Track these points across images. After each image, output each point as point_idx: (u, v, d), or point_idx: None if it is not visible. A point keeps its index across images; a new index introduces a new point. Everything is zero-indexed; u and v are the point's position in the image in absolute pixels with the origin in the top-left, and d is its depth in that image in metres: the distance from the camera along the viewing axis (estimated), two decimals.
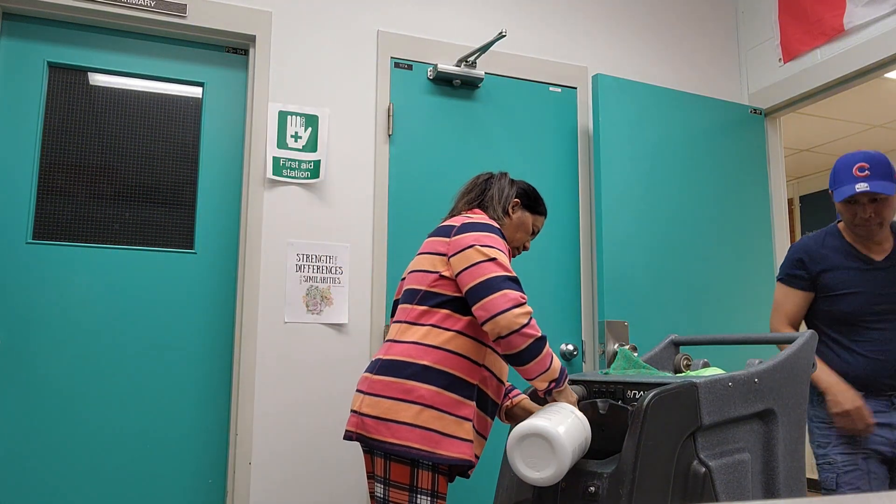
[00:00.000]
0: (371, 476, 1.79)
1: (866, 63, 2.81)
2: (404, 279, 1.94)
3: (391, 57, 2.80)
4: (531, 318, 1.67)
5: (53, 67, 2.48)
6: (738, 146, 3.24)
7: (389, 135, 2.75)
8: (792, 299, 2.28)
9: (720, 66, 3.43)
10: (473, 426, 1.71)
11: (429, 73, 2.84)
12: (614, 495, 1.63)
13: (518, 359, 1.68)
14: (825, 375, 2.18)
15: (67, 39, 2.50)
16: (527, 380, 1.74)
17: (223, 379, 2.52)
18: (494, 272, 1.69)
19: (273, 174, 2.55)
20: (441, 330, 1.73)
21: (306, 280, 2.55)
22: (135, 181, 2.53)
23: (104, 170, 2.50)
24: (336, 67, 2.72)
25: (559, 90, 3.08)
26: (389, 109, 2.75)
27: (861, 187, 2.07)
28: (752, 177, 3.25)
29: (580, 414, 1.73)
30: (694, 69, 3.37)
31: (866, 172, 2.08)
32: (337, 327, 2.58)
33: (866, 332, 2.16)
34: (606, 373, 2.18)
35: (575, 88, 3.10)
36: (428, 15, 2.90)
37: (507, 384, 1.98)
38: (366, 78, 2.75)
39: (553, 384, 1.74)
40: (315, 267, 2.57)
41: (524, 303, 1.67)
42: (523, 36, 3.05)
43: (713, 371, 2.14)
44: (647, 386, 1.80)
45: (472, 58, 2.82)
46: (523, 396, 1.95)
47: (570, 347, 2.88)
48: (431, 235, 1.87)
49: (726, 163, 3.19)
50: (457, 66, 2.81)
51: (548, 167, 3.01)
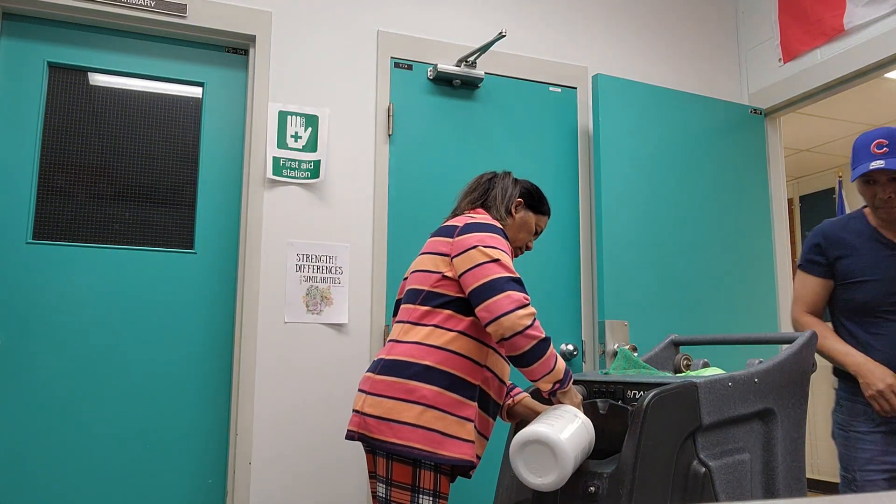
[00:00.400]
0: (373, 476, 1.79)
1: (866, 63, 2.81)
2: (406, 279, 1.94)
3: (391, 57, 2.80)
4: (535, 320, 1.67)
5: (53, 67, 2.48)
6: (738, 146, 3.24)
7: (389, 135, 2.75)
8: (810, 287, 2.12)
9: (720, 66, 3.43)
10: (475, 427, 1.70)
11: (429, 73, 2.84)
12: (614, 495, 1.63)
13: (522, 360, 1.67)
14: (851, 356, 1.99)
15: (67, 39, 2.50)
16: (531, 381, 1.74)
17: (223, 379, 2.52)
18: (498, 273, 1.69)
19: (273, 174, 2.55)
20: (443, 330, 1.73)
21: (306, 280, 2.55)
22: (135, 181, 2.53)
23: (104, 170, 2.50)
24: (336, 67, 2.72)
25: (559, 90, 3.08)
26: (389, 109, 2.75)
27: (876, 165, 1.89)
28: (752, 177, 3.25)
29: (584, 417, 1.73)
30: (694, 69, 3.37)
31: (885, 149, 1.90)
32: (337, 327, 2.58)
33: (884, 325, 1.97)
34: (606, 373, 2.18)
35: (575, 88, 3.10)
36: (428, 15, 2.90)
37: (509, 383, 1.98)
38: (366, 78, 2.75)
39: (557, 385, 1.74)
40: (315, 267, 2.57)
41: (528, 304, 1.67)
42: (523, 36, 3.05)
43: (713, 371, 2.14)
44: (647, 386, 1.80)
45: (472, 58, 2.82)
46: (525, 395, 1.95)
47: (570, 347, 2.88)
48: (434, 235, 1.87)
49: (726, 163, 3.19)
50: (457, 66, 2.81)
51: (548, 167, 3.01)
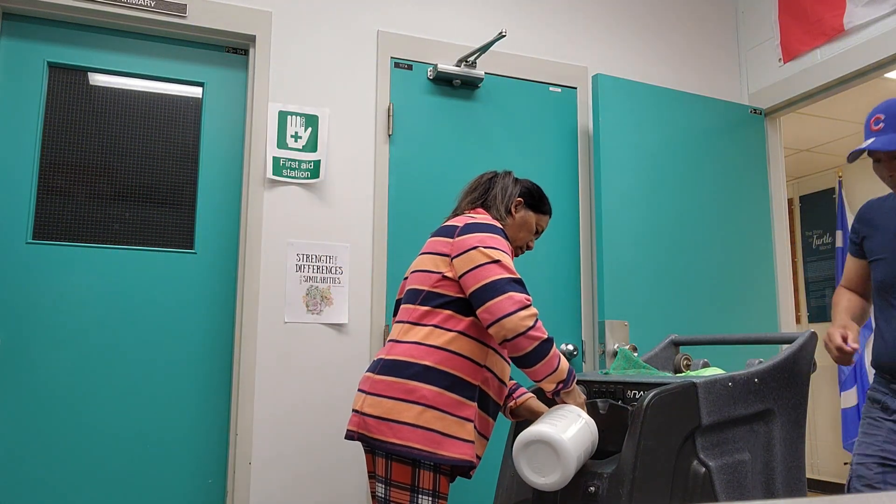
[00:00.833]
0: (372, 476, 1.79)
1: (866, 63, 2.81)
2: (406, 278, 1.94)
3: (391, 57, 2.80)
4: (537, 320, 1.67)
5: (53, 67, 2.48)
6: (738, 146, 3.24)
7: (389, 135, 2.75)
8: (850, 266, 2.06)
9: (720, 66, 3.43)
10: (475, 427, 1.70)
11: (429, 73, 2.84)
12: (614, 495, 1.63)
13: (525, 361, 1.67)
14: (835, 321, 1.92)
15: (67, 39, 2.50)
16: (534, 381, 1.74)
17: (223, 379, 2.52)
18: (499, 274, 1.68)
19: (273, 174, 2.55)
20: (443, 330, 1.73)
21: (306, 280, 2.55)
22: (135, 181, 2.53)
23: (104, 170, 2.50)
24: (336, 67, 2.72)
25: (559, 90, 3.08)
26: (389, 109, 2.75)
27: (866, 144, 1.79)
28: (752, 177, 3.25)
29: (587, 417, 1.73)
30: (694, 69, 3.37)
31: (881, 125, 1.79)
32: (337, 327, 2.58)
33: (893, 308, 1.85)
34: (606, 373, 2.18)
35: (575, 88, 3.10)
36: (428, 15, 2.90)
37: (513, 382, 1.98)
38: (366, 78, 2.75)
39: (561, 385, 1.73)
40: (315, 267, 2.57)
41: (529, 305, 1.67)
42: (523, 36, 3.05)
43: (713, 371, 2.14)
44: (647, 386, 1.80)
45: (472, 58, 2.82)
46: (529, 395, 1.94)
47: (570, 347, 2.88)
48: (434, 235, 1.87)
49: (726, 163, 3.19)
50: (457, 66, 2.81)
51: (548, 167, 3.01)
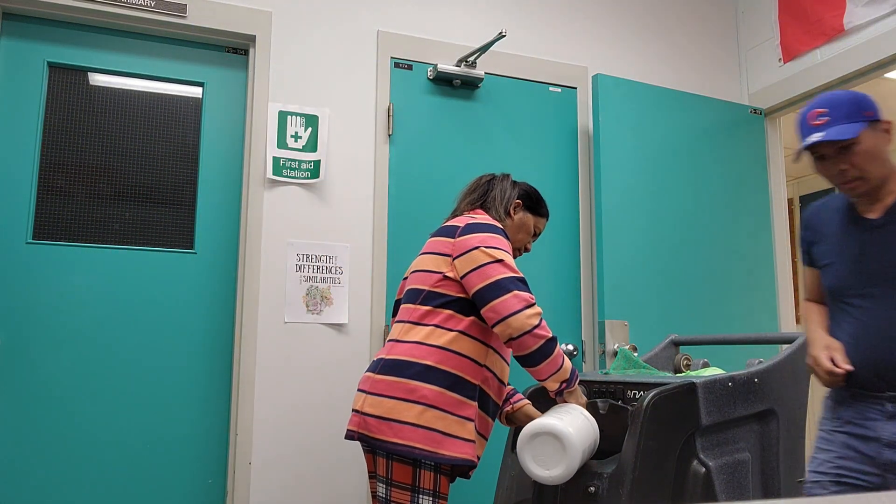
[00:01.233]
0: (373, 476, 1.79)
1: (866, 63, 2.81)
2: (406, 278, 1.94)
3: (391, 57, 2.80)
4: (542, 319, 1.68)
5: (53, 67, 2.48)
6: (738, 146, 3.24)
7: (389, 135, 2.75)
8: (807, 277, 1.89)
9: (720, 66, 3.43)
10: (475, 427, 1.70)
11: (429, 73, 2.84)
12: (614, 495, 1.64)
13: (530, 360, 1.68)
14: (810, 333, 1.76)
15: (67, 39, 2.50)
16: (538, 380, 1.75)
17: (223, 379, 2.52)
18: (502, 273, 1.69)
19: (273, 174, 2.55)
20: (444, 330, 1.73)
21: (306, 280, 2.55)
22: (135, 181, 2.53)
23: (104, 170, 2.50)
24: (336, 67, 2.72)
25: (559, 90, 3.08)
26: (389, 109, 2.75)
27: (813, 139, 1.61)
28: (752, 177, 3.25)
29: (590, 416, 1.74)
30: (694, 69, 3.37)
31: (825, 119, 1.62)
32: (337, 327, 2.58)
33: (849, 312, 1.67)
34: (606, 373, 2.18)
35: (575, 88, 3.10)
36: (428, 15, 2.90)
37: (510, 388, 1.98)
38: (366, 78, 2.75)
39: (564, 384, 1.74)
40: (315, 267, 2.57)
41: (534, 303, 1.68)
42: (523, 36, 3.05)
43: (713, 371, 2.14)
44: (647, 386, 1.80)
45: (472, 58, 2.82)
46: (526, 402, 1.96)
47: (570, 347, 2.88)
48: (434, 235, 1.87)
49: (726, 163, 3.19)
50: (457, 66, 2.81)
51: (548, 167, 3.01)
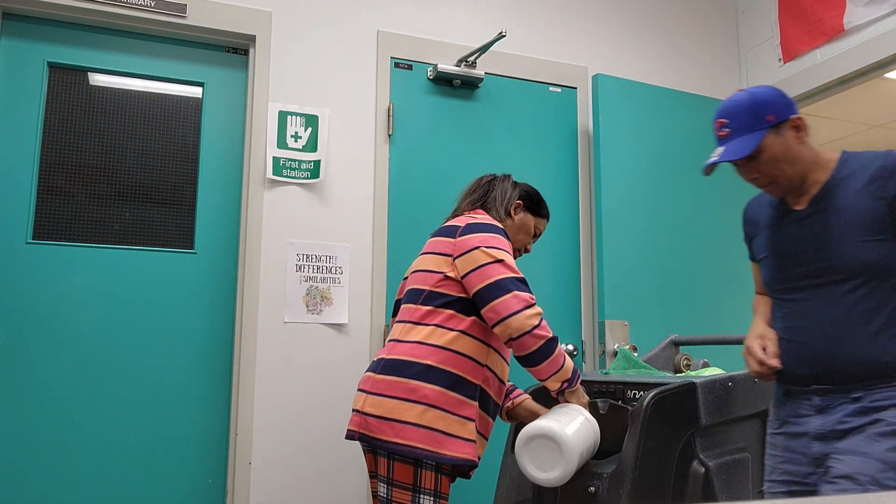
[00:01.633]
0: (374, 475, 1.79)
1: (866, 63, 2.81)
2: (407, 278, 1.94)
3: (391, 57, 2.80)
4: (542, 319, 1.67)
5: (53, 67, 2.48)
6: None
7: (389, 135, 2.75)
8: (754, 270, 1.83)
9: (720, 66, 3.43)
10: (476, 426, 1.70)
11: (429, 73, 2.84)
12: (614, 495, 1.64)
13: (530, 360, 1.68)
14: (752, 326, 1.70)
15: (67, 39, 2.50)
16: (539, 380, 1.74)
17: (223, 379, 2.52)
18: (503, 274, 1.69)
19: (273, 174, 2.55)
20: (445, 330, 1.73)
21: (306, 280, 2.55)
22: (135, 181, 2.53)
23: (104, 170, 2.50)
24: (336, 67, 2.72)
25: (559, 90, 3.08)
26: (389, 109, 2.75)
27: (711, 159, 1.59)
28: None
29: (590, 416, 1.73)
30: (694, 69, 3.37)
31: (726, 130, 1.58)
32: (337, 327, 2.58)
33: (783, 306, 1.62)
34: (606, 373, 2.18)
35: (575, 88, 3.10)
36: (428, 15, 2.90)
37: (509, 384, 1.98)
38: (366, 78, 2.75)
39: (565, 384, 1.74)
40: (315, 267, 2.57)
41: (534, 304, 1.67)
42: (523, 36, 3.05)
43: (713, 371, 2.14)
44: (647, 386, 1.80)
45: (472, 58, 2.82)
46: (526, 396, 1.95)
47: (570, 347, 2.88)
48: (435, 235, 1.87)
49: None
50: (457, 66, 2.81)
51: (548, 167, 3.01)
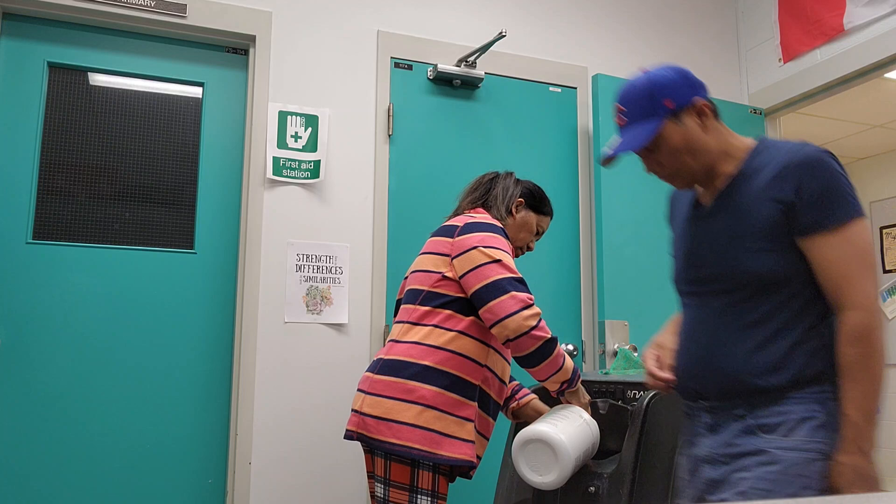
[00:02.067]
0: (371, 476, 1.79)
1: (866, 63, 2.81)
2: (406, 278, 1.94)
3: (391, 57, 2.80)
4: (540, 320, 1.66)
5: (53, 67, 2.48)
6: None
7: (389, 135, 2.75)
8: None
9: (720, 66, 3.43)
10: (475, 427, 1.70)
11: (429, 73, 2.84)
12: (614, 495, 1.64)
13: (529, 361, 1.67)
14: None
15: (67, 39, 2.49)
16: (538, 381, 1.74)
17: (223, 379, 2.52)
18: (500, 274, 1.68)
19: (273, 174, 2.55)
20: (443, 330, 1.72)
21: (306, 280, 2.55)
22: (135, 181, 2.53)
23: (104, 170, 2.50)
24: (336, 67, 2.72)
25: (559, 90, 3.08)
26: (389, 109, 2.75)
27: (604, 152, 1.43)
28: None
29: (589, 417, 1.72)
30: (694, 69, 3.35)
31: (624, 119, 1.42)
32: (337, 327, 2.58)
33: (684, 312, 1.47)
34: (606, 373, 2.18)
35: (575, 88, 3.10)
36: (428, 15, 2.90)
37: (515, 383, 1.98)
38: (366, 78, 2.75)
39: (565, 385, 1.73)
40: (315, 267, 2.57)
41: (532, 304, 1.66)
42: (523, 36, 3.05)
43: None
44: (648, 386, 1.80)
45: (472, 58, 2.82)
46: (532, 396, 1.94)
47: (570, 347, 2.88)
48: (434, 235, 1.86)
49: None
50: (457, 66, 2.80)
51: (548, 167, 3.01)
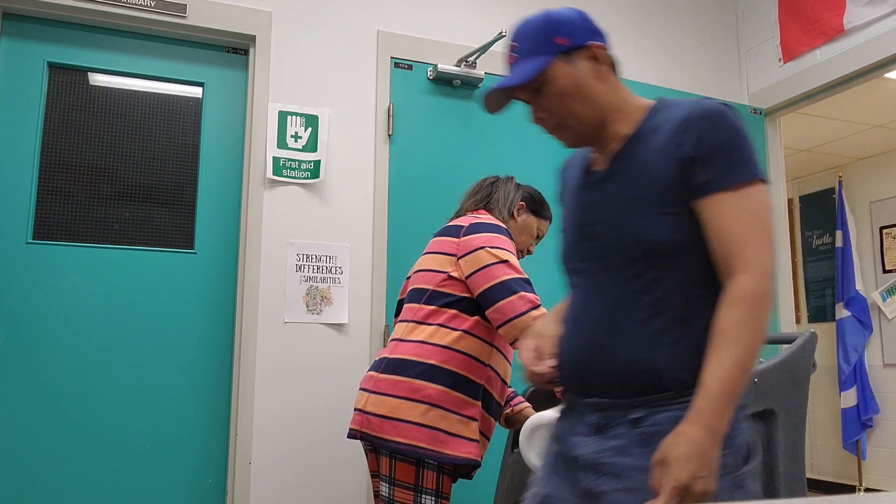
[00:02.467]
0: (376, 475, 1.79)
1: (866, 63, 2.81)
2: (409, 278, 1.94)
3: (391, 57, 2.79)
4: None
5: (53, 67, 2.48)
6: None
7: (389, 135, 2.75)
8: None
9: (720, 66, 3.43)
10: (478, 426, 1.70)
11: (429, 73, 2.84)
12: None
13: None
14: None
15: (67, 39, 2.49)
16: None
17: (223, 379, 2.52)
18: (508, 274, 1.69)
19: (273, 174, 2.55)
20: (448, 329, 1.72)
21: (306, 280, 2.55)
22: (135, 181, 2.53)
23: (104, 170, 2.50)
24: (336, 67, 2.72)
25: None
26: (389, 109, 2.75)
27: (499, 83, 1.22)
28: None
29: None
30: (694, 69, 3.36)
31: (515, 55, 1.22)
32: (337, 327, 2.58)
33: (571, 294, 1.26)
34: None
35: None
36: (428, 15, 2.90)
37: (509, 391, 1.98)
38: (366, 78, 2.75)
39: None
40: (315, 267, 2.57)
41: (539, 305, 1.67)
42: None
43: None
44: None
45: (472, 58, 2.82)
46: (526, 405, 1.95)
47: None
48: (438, 235, 1.87)
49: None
50: (457, 66, 2.80)
51: (548, 167, 3.01)
